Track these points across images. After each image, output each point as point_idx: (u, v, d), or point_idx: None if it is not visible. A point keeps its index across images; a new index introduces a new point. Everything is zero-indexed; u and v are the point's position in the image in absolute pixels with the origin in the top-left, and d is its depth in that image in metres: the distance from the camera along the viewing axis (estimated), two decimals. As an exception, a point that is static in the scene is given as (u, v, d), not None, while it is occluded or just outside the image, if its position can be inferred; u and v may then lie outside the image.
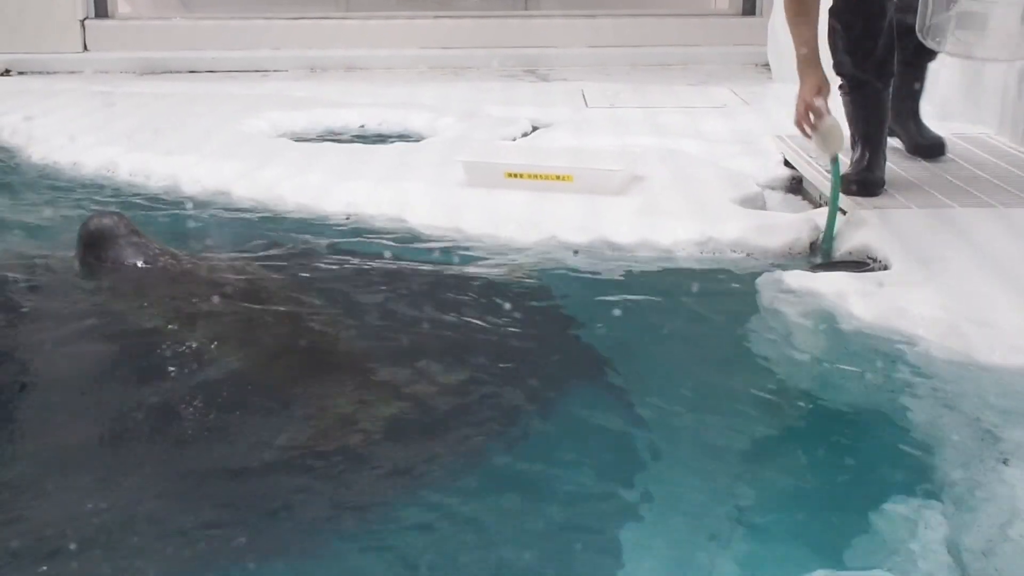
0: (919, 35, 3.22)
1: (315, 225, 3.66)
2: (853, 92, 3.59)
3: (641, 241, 3.36)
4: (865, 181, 3.57)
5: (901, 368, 2.53)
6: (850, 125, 3.64)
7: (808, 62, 3.32)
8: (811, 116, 3.29)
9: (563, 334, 2.82)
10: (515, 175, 3.87)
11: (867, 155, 3.60)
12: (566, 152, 4.22)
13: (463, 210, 3.66)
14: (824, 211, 3.36)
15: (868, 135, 3.61)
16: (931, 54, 3.69)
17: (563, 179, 3.81)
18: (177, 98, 5.77)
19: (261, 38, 7.35)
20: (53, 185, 4.28)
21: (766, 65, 6.57)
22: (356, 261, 3.27)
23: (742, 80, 6.31)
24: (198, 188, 4.08)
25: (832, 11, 3.51)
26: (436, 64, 7.17)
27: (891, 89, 3.60)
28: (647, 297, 3.02)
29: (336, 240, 3.49)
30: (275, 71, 7.02)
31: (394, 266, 3.24)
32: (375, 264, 3.24)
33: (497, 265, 3.28)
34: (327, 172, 4.17)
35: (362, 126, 5.20)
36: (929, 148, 3.95)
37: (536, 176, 3.85)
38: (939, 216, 3.38)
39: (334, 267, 3.21)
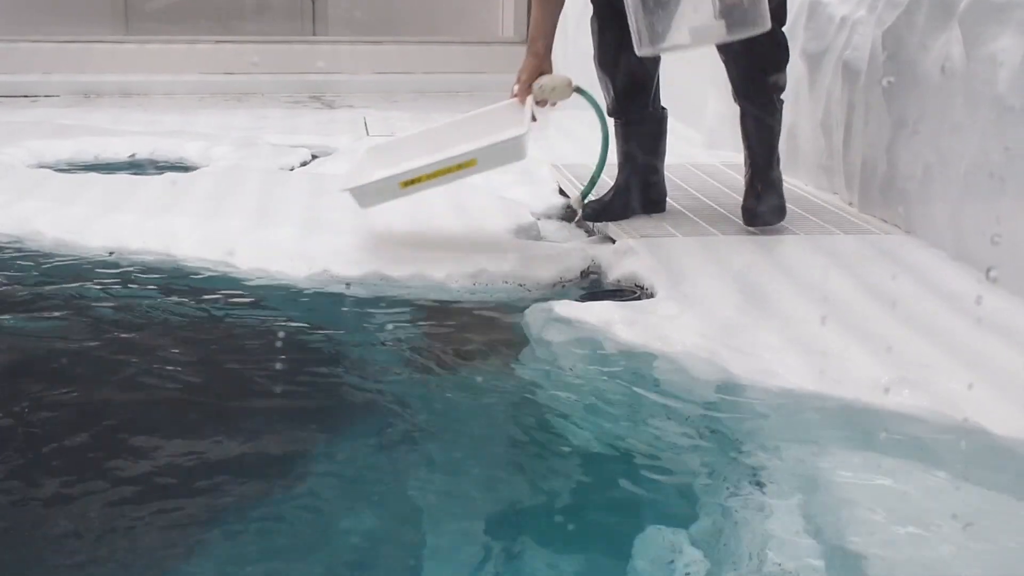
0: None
1: (73, 262, 3.46)
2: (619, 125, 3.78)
3: (415, 273, 3.32)
4: (595, 208, 3.76)
5: (661, 394, 2.57)
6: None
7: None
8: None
9: (330, 371, 2.76)
10: (412, 182, 3.45)
11: (617, 183, 3.79)
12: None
13: (233, 244, 3.53)
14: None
15: (621, 165, 3.80)
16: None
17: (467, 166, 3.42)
18: (-71, 126, 5.41)
19: (30, 62, 6.99)
20: None
21: (549, 93, 6.67)
22: (110, 299, 3.11)
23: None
24: (-61, 224, 3.79)
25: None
26: (218, 90, 6.98)
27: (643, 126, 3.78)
28: (412, 332, 2.99)
29: (93, 277, 3.30)
30: (45, 96, 6.68)
31: (153, 304, 3.11)
32: (129, 302, 3.10)
33: (266, 300, 3.18)
34: (91, 205, 3.96)
35: (132, 155, 4.99)
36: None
37: (438, 173, 3.43)
38: (703, 244, 3.50)
39: (84, 305, 3.05)
